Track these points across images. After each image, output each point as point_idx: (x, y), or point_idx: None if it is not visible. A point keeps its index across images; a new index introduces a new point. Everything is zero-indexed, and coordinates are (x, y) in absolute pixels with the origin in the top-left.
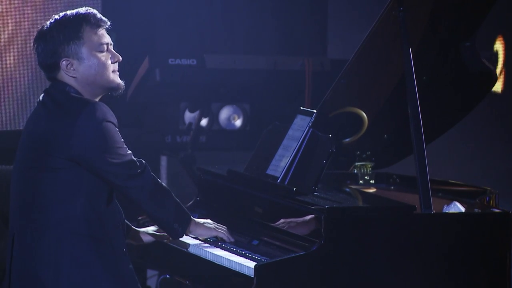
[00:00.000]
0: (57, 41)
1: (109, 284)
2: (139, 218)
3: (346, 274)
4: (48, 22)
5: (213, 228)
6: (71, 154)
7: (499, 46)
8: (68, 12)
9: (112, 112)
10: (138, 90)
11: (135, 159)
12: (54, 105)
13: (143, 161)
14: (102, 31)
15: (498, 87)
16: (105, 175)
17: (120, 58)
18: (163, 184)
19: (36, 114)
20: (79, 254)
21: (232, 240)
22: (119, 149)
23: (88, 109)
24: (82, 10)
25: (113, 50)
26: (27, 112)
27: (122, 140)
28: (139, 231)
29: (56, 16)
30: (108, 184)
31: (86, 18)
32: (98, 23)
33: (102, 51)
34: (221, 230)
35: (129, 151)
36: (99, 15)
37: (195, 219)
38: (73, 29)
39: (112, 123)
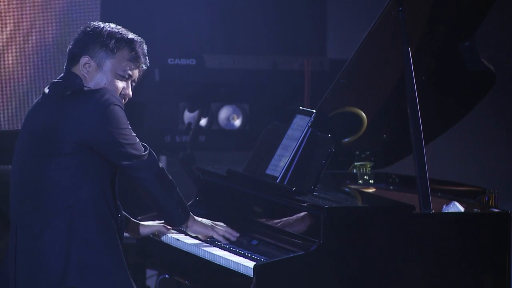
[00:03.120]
0: (94, 39)
1: (114, 266)
2: (139, 218)
3: (345, 274)
4: (106, 24)
5: (210, 227)
6: (80, 137)
7: None
8: (125, 30)
9: (118, 97)
10: (137, 90)
11: (140, 143)
12: (61, 95)
13: (147, 146)
14: (136, 67)
15: None
16: (113, 156)
17: (130, 96)
18: (168, 173)
19: (39, 106)
20: (88, 236)
21: (234, 239)
22: (125, 130)
23: (97, 94)
24: (137, 38)
25: (130, 87)
26: (27, 112)
27: (128, 122)
28: (138, 223)
29: (114, 25)
30: (117, 167)
31: (132, 44)
32: (138, 57)
33: (121, 78)
34: (218, 231)
35: (134, 134)
36: (146, 52)
37: (194, 216)
38: (115, 42)
39: (118, 105)
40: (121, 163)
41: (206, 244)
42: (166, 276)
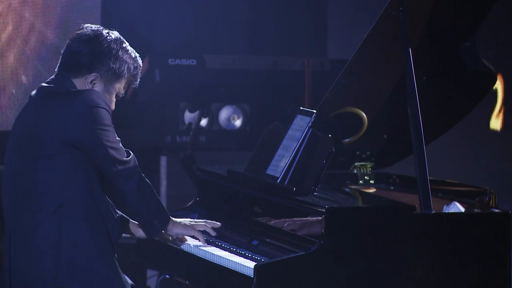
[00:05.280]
0: (108, 61)
1: (104, 267)
2: None
3: (346, 274)
4: (110, 34)
5: (190, 226)
6: (67, 137)
7: (497, 83)
8: (131, 48)
9: (105, 99)
10: (138, 90)
11: (123, 148)
12: (49, 96)
13: (131, 152)
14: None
15: (497, 125)
16: (95, 157)
17: (112, 109)
18: (147, 180)
19: (26, 109)
20: (77, 236)
21: (214, 234)
22: (108, 132)
23: (83, 95)
24: (139, 58)
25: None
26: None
27: (112, 126)
28: (136, 224)
29: (121, 37)
30: (99, 169)
31: (137, 69)
32: (136, 79)
33: (117, 97)
34: (200, 228)
35: (118, 139)
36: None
37: (173, 218)
38: (127, 69)
39: (105, 108)
40: (102, 165)
41: (206, 244)
42: (167, 276)
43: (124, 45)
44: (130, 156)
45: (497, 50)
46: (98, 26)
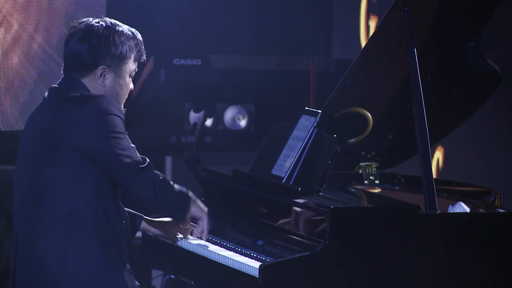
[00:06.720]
0: (108, 49)
1: (108, 276)
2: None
3: (351, 274)
4: (100, 22)
5: (204, 213)
6: (78, 145)
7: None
8: (125, 26)
9: (118, 105)
10: (143, 91)
11: (138, 154)
12: (61, 101)
13: (147, 158)
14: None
15: None
16: (110, 166)
17: (132, 89)
18: (164, 177)
19: (39, 111)
20: (84, 244)
21: (204, 239)
22: (121, 140)
23: (94, 101)
24: (137, 33)
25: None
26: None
27: (126, 133)
28: (153, 220)
29: (112, 21)
30: (113, 178)
31: (139, 45)
32: (142, 53)
33: (131, 76)
34: (204, 224)
35: (133, 145)
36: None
37: (193, 198)
38: (128, 48)
39: (117, 115)
40: (115, 173)
41: (211, 244)
42: (172, 276)
43: (117, 28)
44: (146, 163)
45: (502, 50)
46: (87, 18)
